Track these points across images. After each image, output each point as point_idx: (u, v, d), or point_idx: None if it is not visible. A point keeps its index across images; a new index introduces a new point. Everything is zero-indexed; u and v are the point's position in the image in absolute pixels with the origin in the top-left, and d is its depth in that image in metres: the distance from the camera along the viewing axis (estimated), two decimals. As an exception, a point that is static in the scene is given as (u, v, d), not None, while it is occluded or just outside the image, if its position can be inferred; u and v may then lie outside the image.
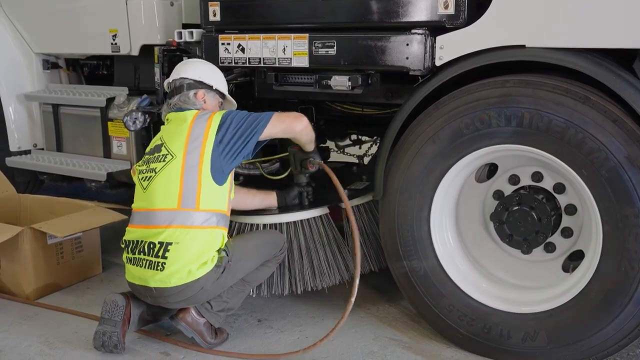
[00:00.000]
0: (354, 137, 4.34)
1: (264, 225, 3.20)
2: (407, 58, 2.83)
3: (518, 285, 2.90)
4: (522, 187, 2.83)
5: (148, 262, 2.79)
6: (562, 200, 2.79)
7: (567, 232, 2.80)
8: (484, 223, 2.99)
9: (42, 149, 4.51)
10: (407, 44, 2.81)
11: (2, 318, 3.31)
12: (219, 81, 3.13)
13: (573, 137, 2.45)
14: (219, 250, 2.83)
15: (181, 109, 2.98)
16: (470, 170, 2.89)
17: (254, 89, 3.65)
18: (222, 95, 3.15)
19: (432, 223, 2.89)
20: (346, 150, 4.33)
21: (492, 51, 2.66)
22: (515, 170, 2.85)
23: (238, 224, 3.26)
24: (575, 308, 2.59)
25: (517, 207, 2.77)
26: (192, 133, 2.83)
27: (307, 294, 3.26)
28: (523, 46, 2.59)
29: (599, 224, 2.49)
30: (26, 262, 3.47)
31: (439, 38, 2.77)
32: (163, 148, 2.88)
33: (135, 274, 2.85)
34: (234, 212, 3.13)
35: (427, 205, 2.87)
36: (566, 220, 2.79)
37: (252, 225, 3.22)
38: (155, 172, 2.83)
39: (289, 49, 3.10)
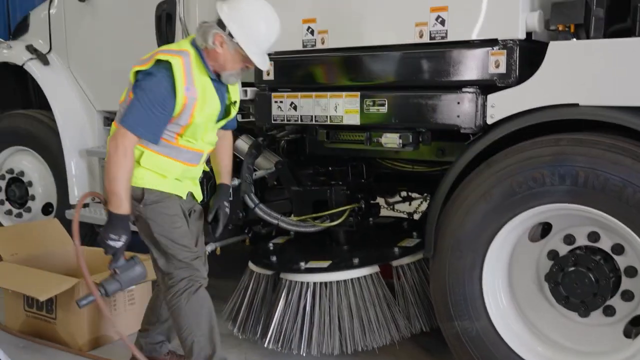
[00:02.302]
0: (403, 193, 4.31)
1: (314, 284, 3.17)
2: (458, 116, 2.82)
3: (576, 350, 2.78)
4: (578, 247, 2.74)
5: None
6: (621, 261, 2.68)
7: (628, 295, 2.68)
8: (538, 283, 2.89)
9: (100, 202, 4.63)
10: (458, 102, 2.81)
11: (55, 368, 3.35)
12: (245, 32, 2.64)
13: (631, 196, 2.38)
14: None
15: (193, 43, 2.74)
16: (523, 229, 2.82)
17: (305, 146, 3.69)
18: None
19: (484, 282, 2.82)
20: (396, 206, 4.30)
21: (545, 109, 2.64)
22: (570, 229, 2.77)
23: (287, 281, 3.25)
24: (637, 376, 2.46)
25: (573, 268, 2.68)
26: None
27: (356, 352, 3.19)
28: (577, 104, 2.55)
29: (662, 287, 2.39)
30: (81, 313, 3.51)
31: (490, 96, 2.76)
32: None
33: None
34: (284, 270, 3.13)
35: (479, 264, 2.80)
36: (626, 283, 2.68)
37: (301, 283, 3.20)
38: None
39: (341, 107, 3.13)
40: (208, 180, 3.96)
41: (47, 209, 4.86)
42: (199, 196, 3.06)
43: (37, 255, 3.92)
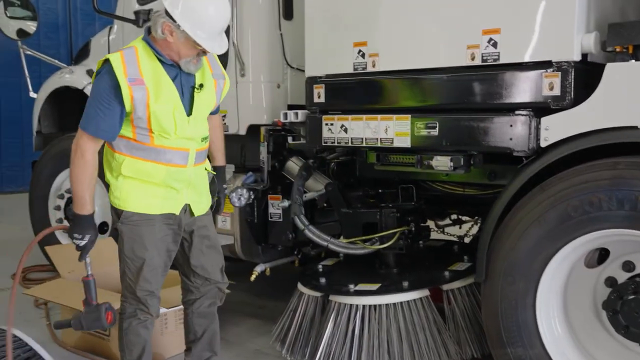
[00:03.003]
0: (454, 216, 4.24)
1: (363, 307, 3.14)
2: (510, 139, 2.76)
3: (636, 382, 2.66)
4: (638, 275, 2.63)
5: None
6: (685, 290, 2.57)
7: (691, 326, 2.56)
8: (595, 311, 2.79)
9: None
10: (511, 125, 2.76)
11: (107, 385, 3.39)
12: (189, 18, 2.54)
13: (694, 223, 2.28)
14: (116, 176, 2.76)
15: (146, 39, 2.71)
16: (578, 254, 2.73)
17: (355, 168, 3.68)
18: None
19: (537, 309, 2.74)
20: (446, 229, 4.23)
21: (601, 132, 2.56)
22: (629, 256, 2.66)
23: (336, 303, 3.22)
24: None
25: (632, 296, 2.58)
26: None
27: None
28: (635, 127, 2.47)
29: None
30: (133, 331, 3.55)
31: (544, 119, 2.70)
32: None
33: None
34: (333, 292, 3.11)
35: (533, 290, 2.72)
36: (690, 313, 2.56)
37: (350, 305, 3.17)
38: None
39: (391, 130, 3.11)
40: None
41: (102, 228, 4.95)
42: (200, 210, 2.90)
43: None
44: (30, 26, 4.92)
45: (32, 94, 5.22)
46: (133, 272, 2.78)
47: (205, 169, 2.96)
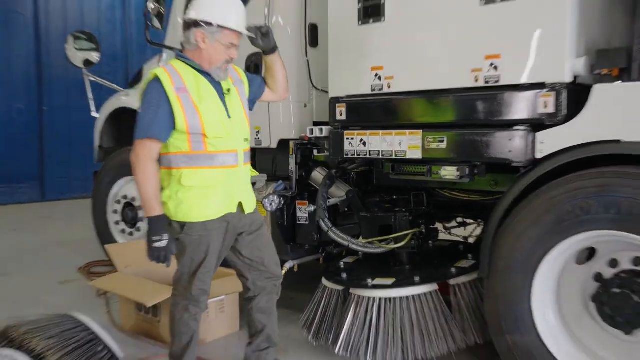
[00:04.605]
0: (459, 219, 4.24)
1: (379, 299, 3.16)
2: (510, 151, 2.78)
3: (621, 366, 2.65)
4: (623, 271, 2.63)
5: None
6: (665, 284, 2.55)
7: (671, 316, 2.54)
8: (584, 303, 2.78)
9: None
10: (510, 139, 2.77)
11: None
12: (216, 13, 2.61)
13: (673, 225, 2.27)
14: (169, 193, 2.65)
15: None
16: (570, 253, 2.72)
17: (373, 177, 3.71)
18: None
19: (533, 301, 2.74)
20: (452, 231, 4.23)
21: (589, 145, 2.57)
22: (614, 254, 2.66)
23: (355, 296, 3.24)
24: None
25: (617, 290, 2.57)
26: None
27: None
28: (618, 141, 2.47)
29: None
30: (180, 318, 3.60)
31: (539, 134, 2.71)
32: None
33: None
34: (353, 286, 3.14)
35: (529, 284, 2.72)
36: (669, 304, 2.54)
37: (368, 298, 3.19)
38: None
39: (405, 143, 3.14)
40: None
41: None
42: (250, 207, 2.82)
43: (145, 268, 4.07)
44: (95, 56, 5.05)
45: (95, 114, 5.36)
46: (191, 274, 2.73)
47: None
